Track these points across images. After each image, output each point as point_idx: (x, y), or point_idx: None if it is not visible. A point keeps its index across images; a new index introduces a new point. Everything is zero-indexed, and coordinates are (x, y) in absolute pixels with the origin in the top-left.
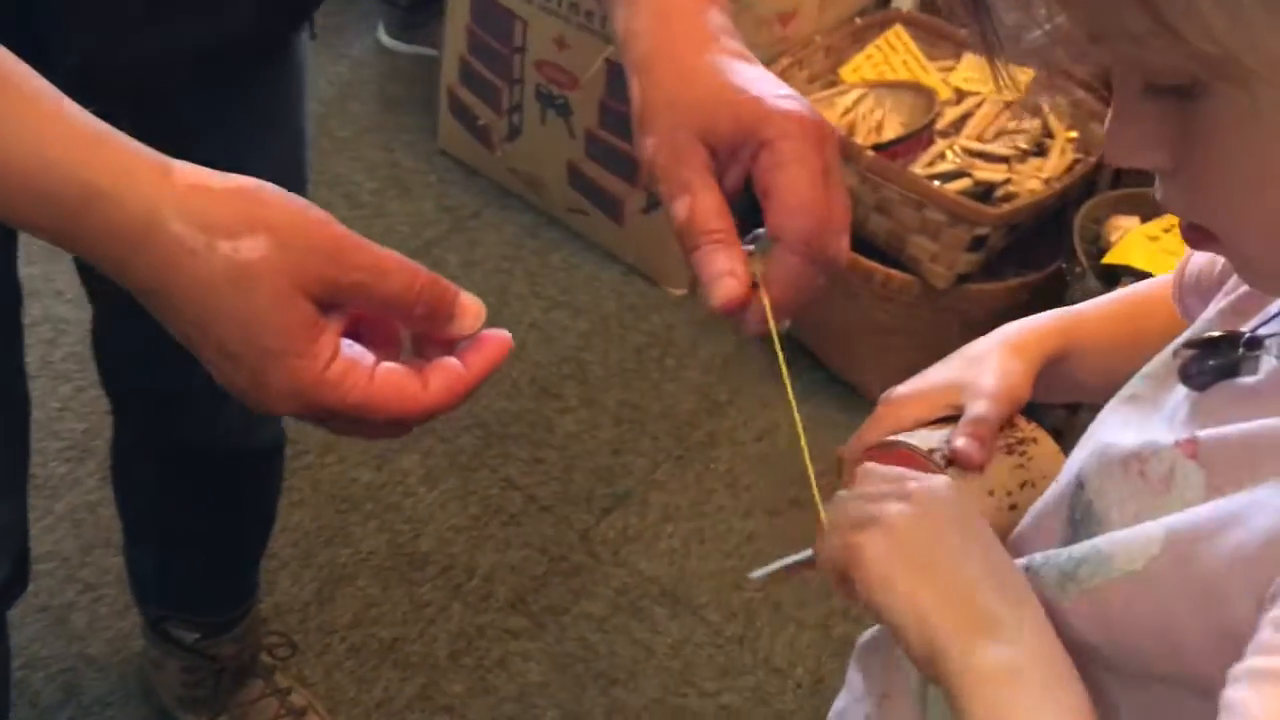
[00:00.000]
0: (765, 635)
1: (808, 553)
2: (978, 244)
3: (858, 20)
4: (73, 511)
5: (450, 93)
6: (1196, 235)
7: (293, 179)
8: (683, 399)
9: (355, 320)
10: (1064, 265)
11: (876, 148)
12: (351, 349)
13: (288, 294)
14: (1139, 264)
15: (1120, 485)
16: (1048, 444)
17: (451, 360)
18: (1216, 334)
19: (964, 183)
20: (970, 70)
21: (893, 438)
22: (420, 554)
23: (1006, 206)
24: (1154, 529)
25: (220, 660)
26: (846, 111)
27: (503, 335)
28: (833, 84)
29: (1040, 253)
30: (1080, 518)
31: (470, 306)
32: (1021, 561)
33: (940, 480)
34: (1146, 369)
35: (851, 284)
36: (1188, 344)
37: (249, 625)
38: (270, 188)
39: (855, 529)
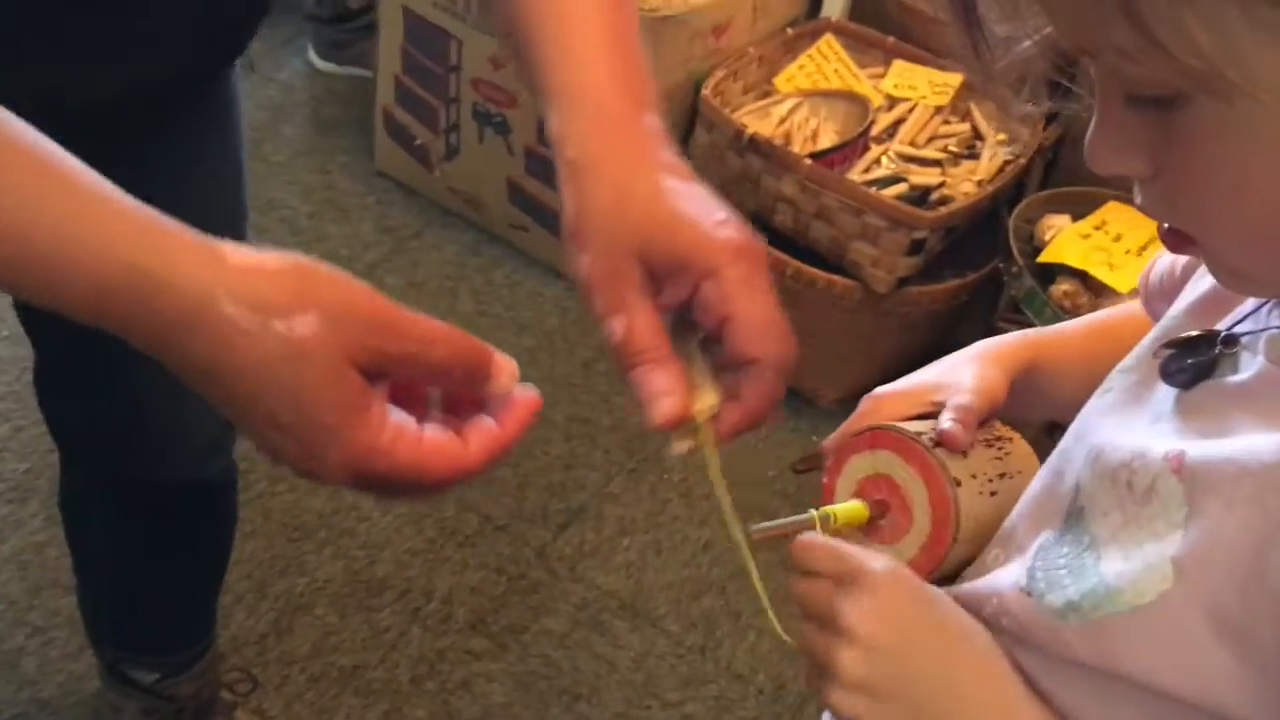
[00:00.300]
0: (726, 644)
1: (809, 513)
2: (917, 248)
3: (789, 30)
4: (18, 554)
5: (386, 113)
6: (1175, 239)
7: (235, 208)
8: (632, 411)
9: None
10: (1001, 265)
11: (813, 156)
12: (396, 414)
13: (340, 368)
14: (1073, 262)
15: (1109, 494)
16: (1023, 445)
17: (488, 420)
18: (1195, 334)
19: (900, 188)
20: (900, 76)
21: (874, 424)
22: (377, 580)
23: (943, 210)
24: (1158, 561)
25: (179, 700)
26: (782, 121)
27: (533, 395)
28: (767, 94)
29: (976, 253)
30: (1074, 521)
31: (505, 366)
32: (1022, 581)
33: (881, 563)
34: (1123, 364)
35: (795, 292)
36: (1167, 344)
37: (208, 662)
38: (318, 264)
39: (824, 636)
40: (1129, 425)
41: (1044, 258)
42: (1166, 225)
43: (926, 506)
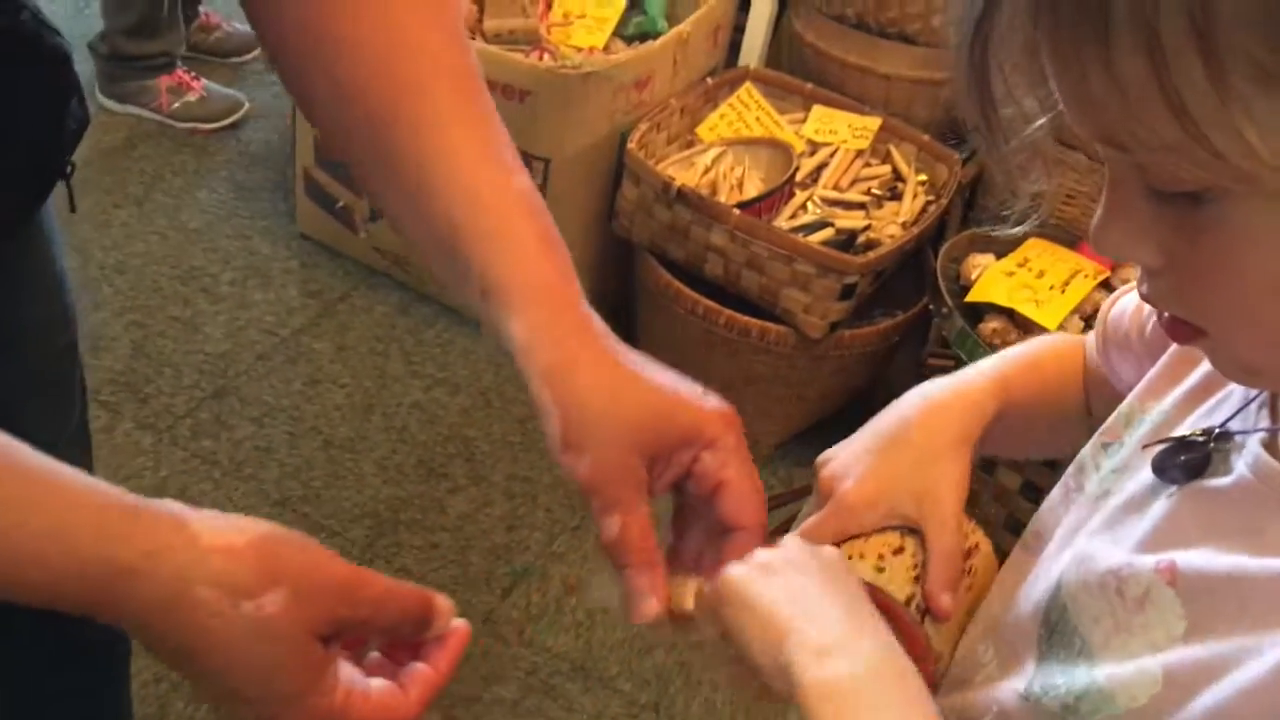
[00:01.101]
0: (680, 700)
1: None
2: (848, 292)
3: (709, 80)
4: None
5: (306, 176)
6: (1181, 330)
7: (60, 325)
8: None
9: None
10: (930, 305)
11: (741, 205)
12: (345, 671)
13: (305, 641)
14: (1000, 300)
15: (1098, 601)
16: (985, 547)
17: (424, 668)
18: (1188, 436)
19: (827, 233)
20: (820, 121)
21: (863, 577)
22: None
23: (871, 254)
24: (1150, 666)
25: None
26: (707, 170)
27: (462, 628)
28: (690, 144)
29: (904, 292)
30: (1056, 622)
31: (444, 609)
32: (1020, 689)
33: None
34: (1112, 464)
35: (729, 340)
36: (1161, 441)
37: None
38: (286, 535)
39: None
40: (1123, 534)
41: (971, 297)
42: (1169, 315)
43: None
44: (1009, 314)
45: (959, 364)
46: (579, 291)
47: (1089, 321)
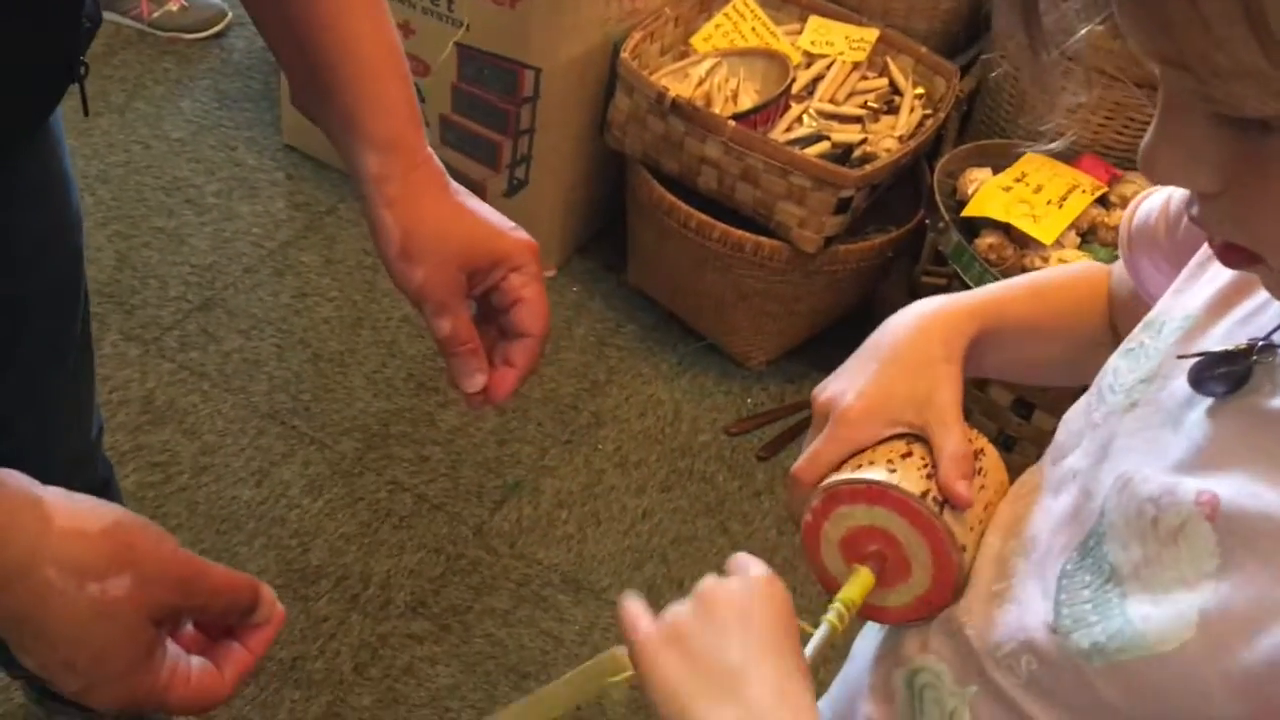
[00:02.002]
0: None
1: (832, 608)
2: (843, 206)
3: None
4: None
5: None
6: (1235, 255)
7: (69, 227)
8: (563, 383)
9: None
10: (926, 220)
11: (736, 117)
12: (170, 650)
13: (141, 624)
14: (997, 214)
15: (1133, 527)
16: (992, 451)
17: (239, 648)
18: (1228, 348)
19: (823, 146)
20: (817, 32)
21: (875, 478)
22: (312, 567)
23: (868, 168)
24: (1187, 610)
25: (110, 713)
26: (701, 81)
27: (280, 614)
28: (684, 55)
29: (899, 208)
30: (1094, 544)
31: (268, 598)
32: (1049, 618)
33: (737, 581)
34: (1140, 373)
35: (722, 255)
36: (1196, 355)
37: None
38: (137, 524)
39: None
40: (1160, 449)
41: (968, 212)
42: (1222, 240)
43: (929, 566)
44: (1005, 229)
45: (954, 279)
46: (425, 139)
47: (1085, 237)
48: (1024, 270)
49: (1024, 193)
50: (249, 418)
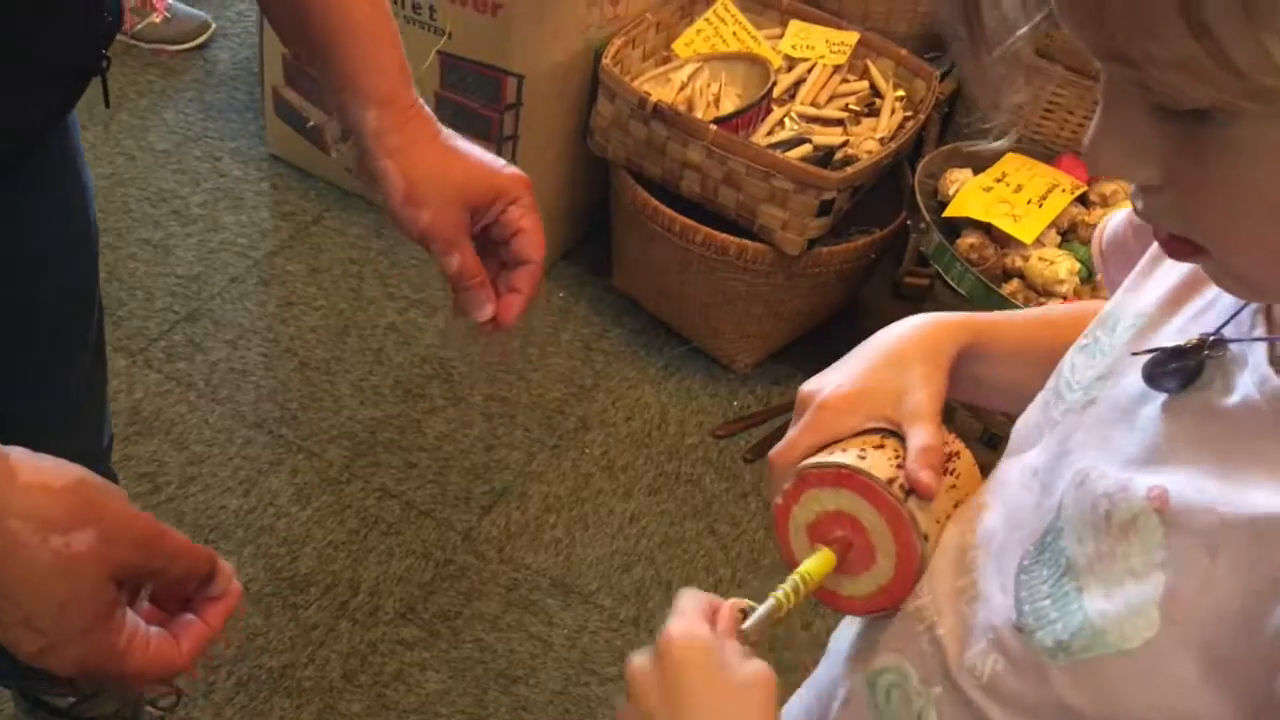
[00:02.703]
0: (659, 614)
1: (789, 580)
2: (826, 208)
3: None
4: None
5: (276, 95)
6: (1180, 247)
7: (87, 235)
8: (549, 387)
9: None
10: (908, 221)
11: (718, 121)
12: (130, 616)
13: (103, 582)
14: (977, 215)
15: (1088, 521)
16: (967, 455)
17: (197, 621)
18: (1181, 345)
19: (805, 149)
20: (798, 36)
21: (844, 461)
22: (300, 575)
23: (849, 170)
24: (1142, 604)
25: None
26: (683, 86)
27: (238, 590)
28: (666, 60)
29: (882, 209)
30: (1051, 539)
31: (226, 571)
32: (1013, 616)
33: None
34: (1096, 371)
35: (706, 259)
36: (1150, 351)
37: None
38: (100, 483)
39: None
40: (1115, 445)
41: (949, 212)
42: (1168, 233)
43: (892, 555)
44: (986, 229)
45: (936, 279)
46: (415, 94)
47: (1065, 235)
48: (1005, 270)
49: (1004, 193)
50: (236, 427)
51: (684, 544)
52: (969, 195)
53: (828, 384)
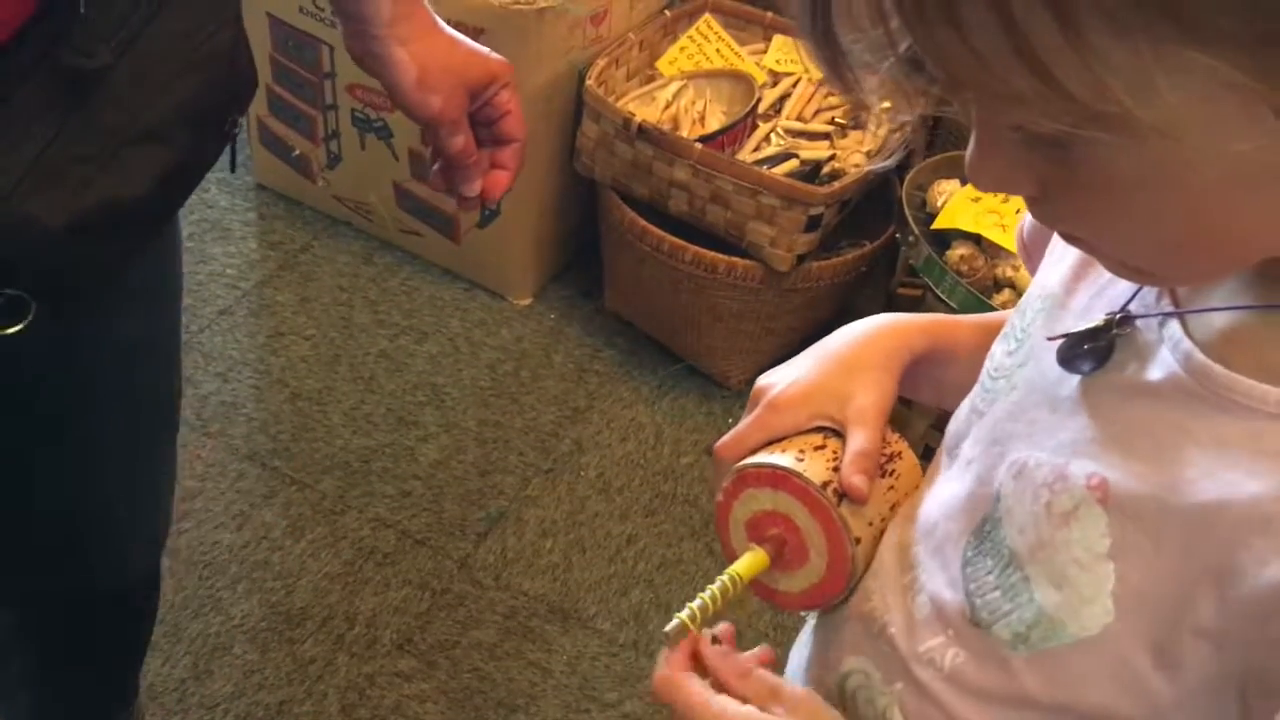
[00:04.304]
0: (659, 637)
1: (718, 581)
2: (814, 223)
3: (667, 13)
4: None
5: (260, 124)
6: (1073, 240)
7: (175, 330)
8: (543, 411)
9: None
10: (897, 234)
11: (703, 139)
12: None
13: None
14: (966, 226)
15: (1027, 511)
16: (910, 457)
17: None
18: (1089, 327)
19: (791, 164)
20: (781, 51)
21: (779, 463)
22: (296, 609)
23: (837, 184)
24: (1094, 595)
25: None
26: (668, 105)
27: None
28: (651, 78)
29: (871, 222)
30: (990, 529)
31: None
32: (966, 610)
33: (803, 695)
34: (1016, 360)
35: (696, 277)
36: (1061, 336)
37: None
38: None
39: None
40: (1044, 431)
41: (938, 224)
42: (1059, 230)
43: (824, 554)
44: (976, 240)
45: (927, 292)
46: None
47: None
48: (996, 281)
49: (992, 203)
50: (228, 461)
51: (682, 565)
52: (957, 206)
53: (780, 380)
